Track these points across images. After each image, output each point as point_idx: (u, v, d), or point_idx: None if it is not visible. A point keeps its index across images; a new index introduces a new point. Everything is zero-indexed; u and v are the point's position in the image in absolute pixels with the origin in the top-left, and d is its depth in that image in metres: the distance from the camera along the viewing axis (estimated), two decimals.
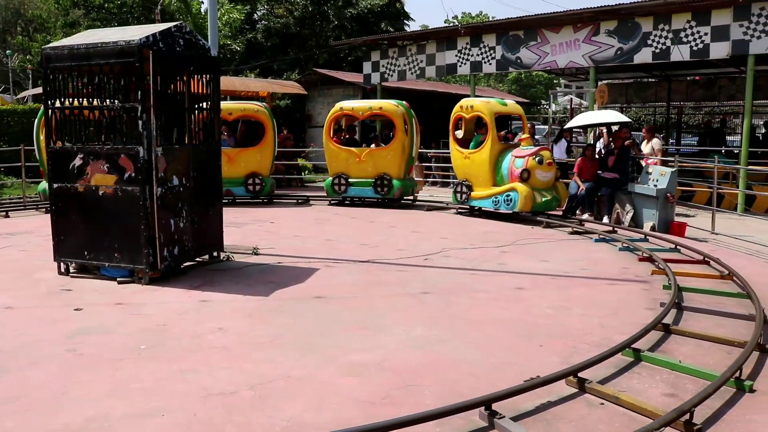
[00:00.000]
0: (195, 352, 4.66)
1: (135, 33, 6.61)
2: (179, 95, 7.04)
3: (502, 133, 12.52)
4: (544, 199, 11.07)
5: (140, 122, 6.44)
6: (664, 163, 11.92)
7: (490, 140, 11.44)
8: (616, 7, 14.36)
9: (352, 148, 13.44)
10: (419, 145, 13.78)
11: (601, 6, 14.54)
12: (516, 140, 12.18)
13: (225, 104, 14.30)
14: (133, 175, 6.53)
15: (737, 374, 4.13)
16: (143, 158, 6.47)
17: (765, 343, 4.87)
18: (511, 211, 11.17)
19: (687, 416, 3.51)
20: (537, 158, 11.03)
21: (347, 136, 14.10)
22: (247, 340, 4.95)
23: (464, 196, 12.04)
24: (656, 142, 12.64)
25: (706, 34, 13.23)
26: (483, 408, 3.58)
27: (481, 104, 11.74)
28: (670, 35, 13.75)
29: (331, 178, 13.53)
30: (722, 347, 4.85)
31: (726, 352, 4.74)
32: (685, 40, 13.56)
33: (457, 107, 12.25)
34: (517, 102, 15.39)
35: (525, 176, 10.95)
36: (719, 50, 13.13)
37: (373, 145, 13.84)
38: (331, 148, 13.53)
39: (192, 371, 4.28)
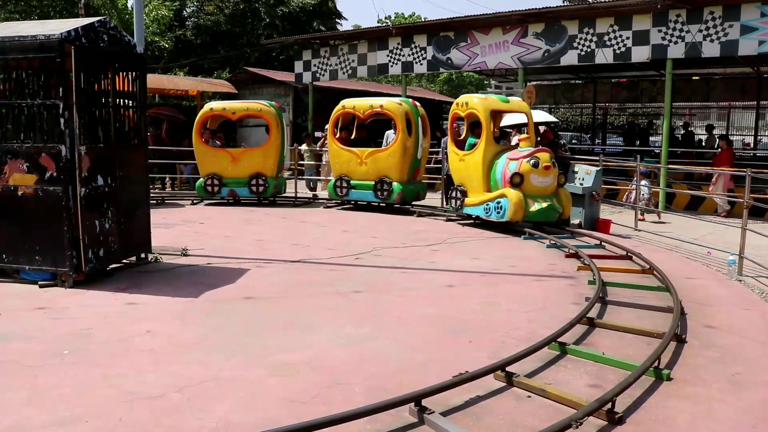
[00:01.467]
0: (121, 356, 4.54)
1: (55, 27, 6.38)
2: (104, 93, 6.84)
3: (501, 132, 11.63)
4: (539, 208, 9.69)
5: (62, 120, 6.23)
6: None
7: (484, 141, 10.26)
8: (543, 11, 14.72)
9: (354, 149, 12.64)
10: (428, 147, 12.95)
11: (529, 9, 14.88)
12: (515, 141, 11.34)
13: (228, 104, 13.93)
14: (54, 174, 6.31)
15: (656, 364, 4.31)
16: (66, 157, 6.26)
17: (682, 334, 5.11)
18: (502, 220, 9.97)
19: (609, 405, 3.64)
20: (532, 161, 9.71)
21: (355, 136, 13.26)
22: (175, 343, 4.85)
23: (458, 202, 10.95)
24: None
25: (628, 38, 13.69)
26: (413, 404, 3.61)
27: (478, 101, 10.62)
28: (595, 38, 14.18)
29: (333, 180, 12.95)
30: (643, 339, 5.05)
31: (646, 343, 4.93)
32: (608, 43, 14.01)
33: (453, 105, 11.39)
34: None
35: (517, 181, 9.68)
36: (640, 54, 13.61)
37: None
38: (334, 148, 12.84)
39: (118, 376, 4.17)
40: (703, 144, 21.25)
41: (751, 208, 8.23)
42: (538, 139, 12.39)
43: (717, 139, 20.14)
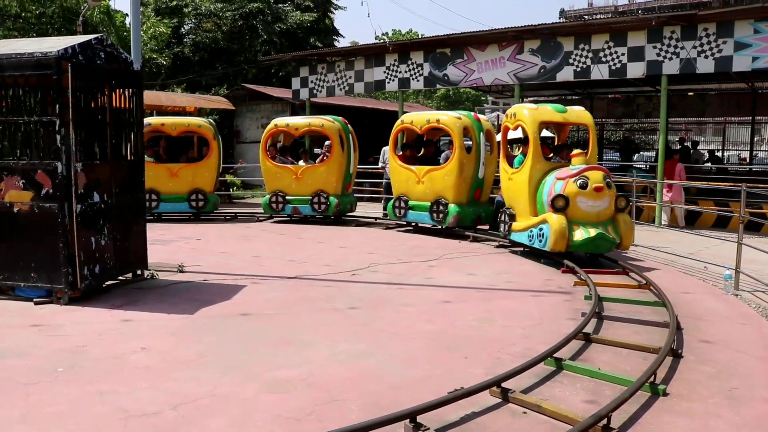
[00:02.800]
0: (116, 373, 4.53)
1: (53, 44, 6.41)
2: (101, 109, 6.86)
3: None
4: (585, 237, 8.23)
5: (58, 137, 6.25)
6: None
7: (531, 156, 8.98)
8: (539, 27, 14.81)
9: (412, 167, 11.80)
10: (495, 165, 11.44)
11: (525, 25, 14.97)
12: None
13: (292, 120, 13.66)
14: (51, 191, 6.32)
15: (652, 379, 4.31)
16: (62, 174, 6.27)
17: (678, 349, 5.10)
18: (545, 250, 8.57)
19: (605, 421, 3.63)
20: (579, 181, 8.32)
21: (423, 153, 12.51)
22: (170, 359, 4.84)
23: (507, 227, 9.75)
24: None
25: (623, 54, 13.78)
26: (408, 420, 3.59)
27: (527, 112, 9.29)
28: (590, 55, 14.26)
29: (393, 200, 12.20)
30: (639, 354, 5.04)
31: (642, 358, 4.92)
32: (604, 59, 14.09)
33: (504, 117, 10.12)
34: None
35: (560, 204, 8.32)
36: (635, 70, 13.69)
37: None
38: (394, 165, 12.12)
39: (112, 393, 4.15)
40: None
41: (746, 222, 8.23)
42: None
43: (702, 154, 20.38)
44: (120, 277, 7.35)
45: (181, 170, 13.42)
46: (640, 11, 43.05)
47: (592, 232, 8.26)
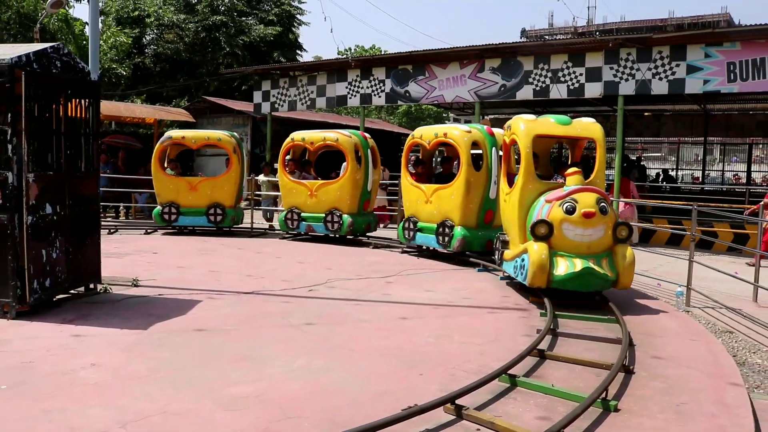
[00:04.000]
0: (64, 390, 4.41)
1: (6, 51, 6.28)
2: (55, 119, 6.73)
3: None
4: (569, 271, 7.04)
5: (10, 146, 6.11)
6: None
7: (522, 175, 7.77)
8: (500, 46, 15.05)
9: (422, 185, 10.85)
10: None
11: (486, 44, 15.19)
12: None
13: (308, 134, 13.02)
14: (0, 202, 6.16)
15: (603, 395, 4.36)
16: (12, 184, 6.12)
17: (630, 365, 5.18)
18: (525, 284, 7.48)
19: None
20: (565, 205, 7.14)
21: (443, 171, 11.60)
22: (122, 376, 4.74)
23: (500, 254, 8.58)
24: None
25: (581, 74, 14.08)
26: None
27: (523, 126, 7.92)
28: (549, 74, 14.52)
29: (403, 221, 11.34)
30: (592, 370, 5.11)
31: (595, 374, 4.98)
32: (562, 79, 14.36)
33: (505, 129, 8.69)
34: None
35: (541, 232, 7.14)
36: (593, 90, 14.00)
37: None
38: (405, 183, 11.25)
39: (59, 410, 4.05)
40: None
41: (698, 240, 8.43)
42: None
43: (636, 171, 21.08)
44: (72, 291, 7.18)
45: (200, 184, 13.29)
46: (598, 32, 44.04)
47: (579, 265, 7.05)
